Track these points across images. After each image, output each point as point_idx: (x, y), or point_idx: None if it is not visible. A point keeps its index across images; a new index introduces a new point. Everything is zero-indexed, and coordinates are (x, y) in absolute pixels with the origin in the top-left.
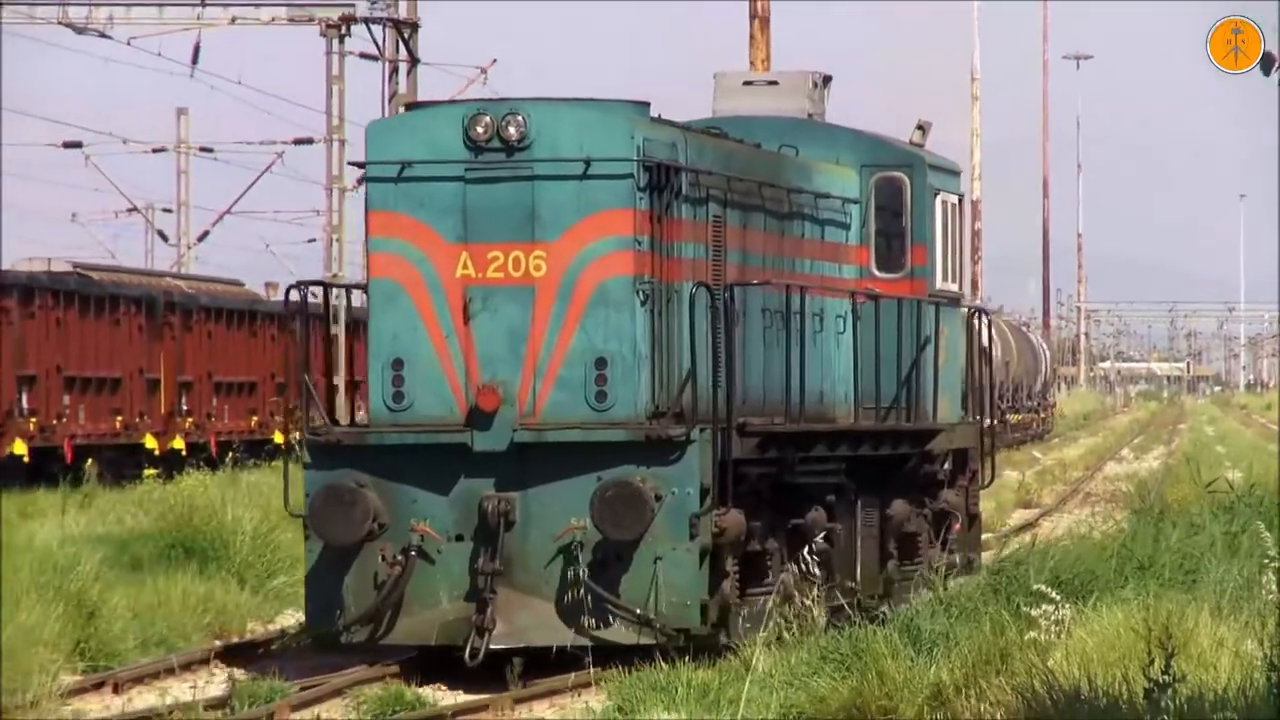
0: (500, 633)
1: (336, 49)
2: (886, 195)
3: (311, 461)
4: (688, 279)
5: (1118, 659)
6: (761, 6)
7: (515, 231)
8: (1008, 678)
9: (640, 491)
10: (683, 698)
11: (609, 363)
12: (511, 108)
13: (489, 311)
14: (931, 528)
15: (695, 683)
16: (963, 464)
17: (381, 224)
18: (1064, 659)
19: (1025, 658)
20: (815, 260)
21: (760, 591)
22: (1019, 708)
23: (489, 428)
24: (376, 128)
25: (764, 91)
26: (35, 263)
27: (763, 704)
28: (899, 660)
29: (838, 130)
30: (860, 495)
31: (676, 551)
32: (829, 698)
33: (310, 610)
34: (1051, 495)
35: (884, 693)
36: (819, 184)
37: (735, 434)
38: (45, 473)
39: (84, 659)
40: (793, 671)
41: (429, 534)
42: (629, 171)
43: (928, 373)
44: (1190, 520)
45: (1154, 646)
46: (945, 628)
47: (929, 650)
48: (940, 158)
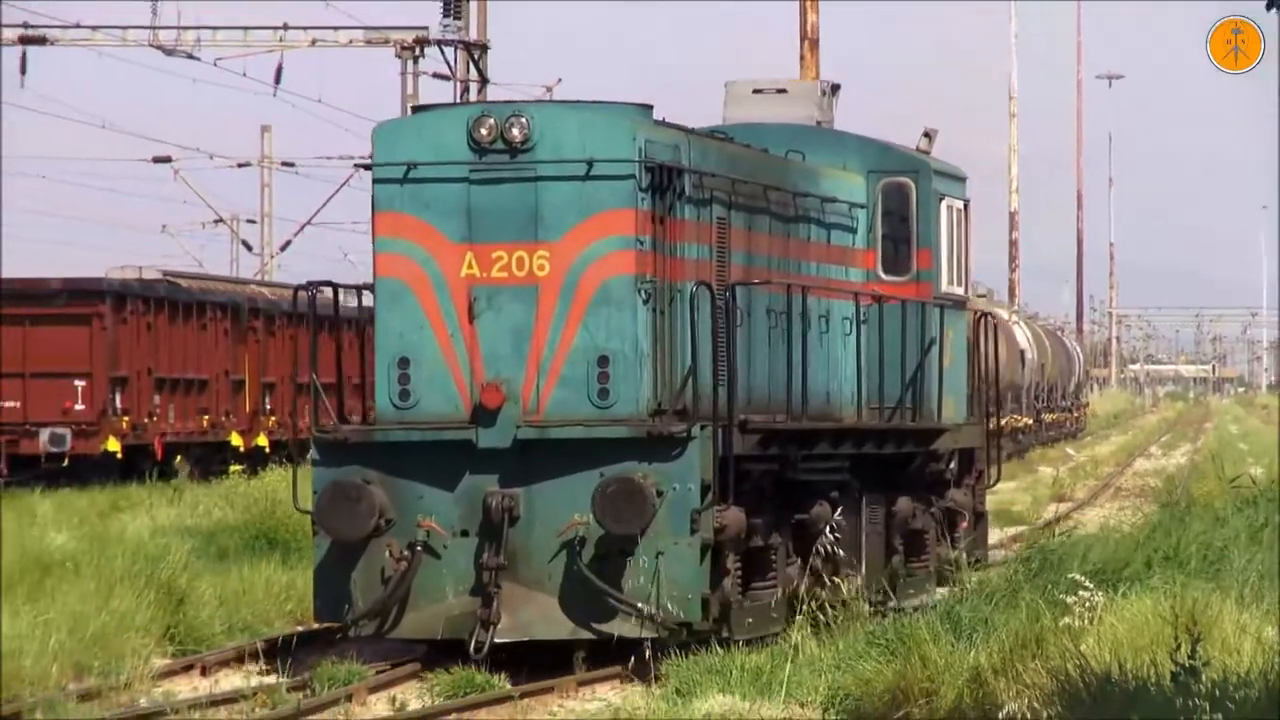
0: (504, 626)
1: (411, 69)
2: (892, 200)
3: (320, 459)
4: (691, 278)
5: (1146, 644)
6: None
7: (519, 231)
8: (1043, 661)
9: (641, 487)
10: (737, 680)
11: (611, 360)
12: (515, 110)
13: (493, 310)
14: (939, 525)
15: (748, 666)
16: (969, 464)
17: (388, 224)
18: (1095, 644)
19: (1059, 643)
20: (821, 263)
21: (764, 587)
22: (1053, 690)
23: (493, 425)
24: (383, 130)
25: (773, 99)
26: (127, 270)
27: (811, 686)
28: (940, 645)
29: (845, 136)
30: (865, 493)
31: (678, 546)
32: (874, 680)
33: (318, 604)
34: (1084, 490)
35: (926, 675)
36: (825, 188)
37: (736, 431)
38: (137, 469)
39: (174, 643)
40: (839, 656)
41: (435, 530)
42: (630, 172)
43: (932, 374)
44: (1215, 514)
45: (1181, 632)
46: (984, 614)
47: (968, 635)
48: (945, 164)
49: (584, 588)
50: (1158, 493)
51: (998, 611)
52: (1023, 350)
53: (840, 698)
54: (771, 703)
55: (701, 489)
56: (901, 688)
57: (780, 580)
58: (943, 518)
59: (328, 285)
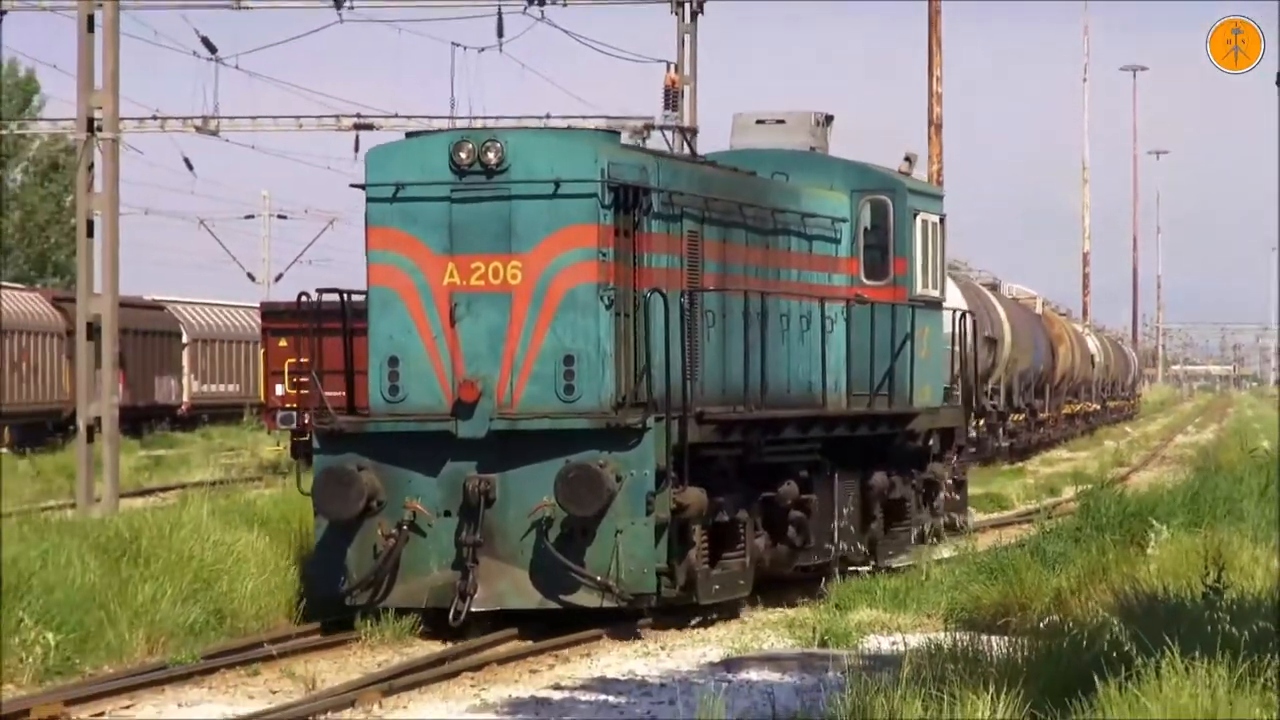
0: (480, 597)
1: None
2: (873, 215)
3: (319, 447)
4: (662, 285)
5: (1184, 572)
6: (936, 114)
7: (494, 244)
8: (1107, 584)
9: (598, 474)
10: (880, 598)
11: (576, 360)
12: (490, 135)
13: (472, 315)
14: (919, 495)
15: (888, 587)
16: (950, 441)
17: (379, 238)
18: (1146, 572)
19: (1119, 570)
20: (803, 270)
21: (733, 557)
22: (1115, 606)
23: (471, 417)
24: (375, 154)
25: (773, 129)
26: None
27: (934, 602)
28: (1031, 572)
29: (833, 160)
30: (839, 470)
31: (635, 526)
32: (982, 597)
33: (315, 576)
34: (1138, 458)
35: (1021, 594)
36: (806, 205)
37: (693, 421)
38: None
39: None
40: (956, 579)
41: (420, 511)
42: (593, 191)
43: (906, 364)
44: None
45: (1209, 563)
46: (1063, 549)
47: (1052, 565)
48: (922, 183)
49: (551, 563)
50: (1193, 460)
51: (1073, 548)
52: (1093, 355)
53: (956, 610)
54: (906, 614)
55: (656, 474)
56: (1002, 604)
57: (748, 550)
58: (924, 488)
59: (333, 291)
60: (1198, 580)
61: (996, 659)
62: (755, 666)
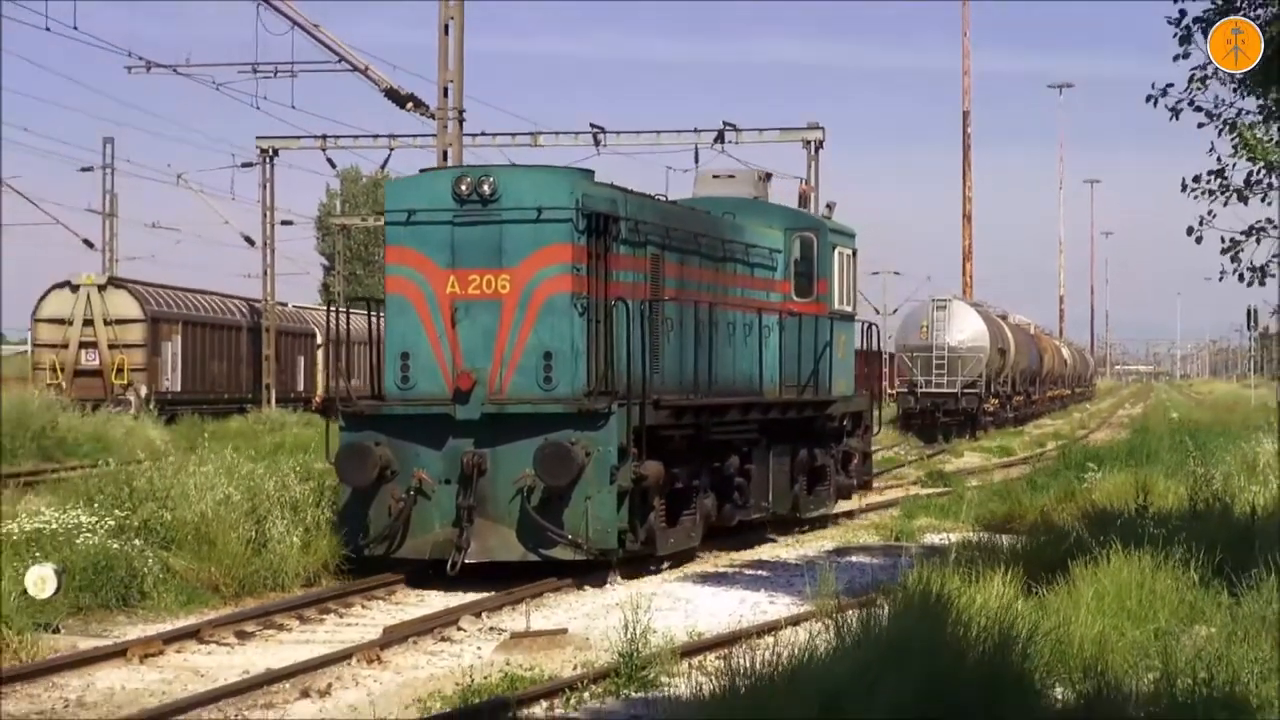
0: (474, 551)
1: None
2: (801, 247)
3: (344, 425)
4: (627, 297)
5: (1122, 495)
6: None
7: (488, 260)
8: (1075, 503)
9: (570, 450)
10: (933, 511)
11: (554, 356)
12: (485, 172)
13: (469, 319)
14: (836, 462)
15: (937, 505)
16: (859, 422)
17: (395, 255)
18: (1098, 496)
19: (1081, 494)
20: (746, 289)
21: (687, 515)
22: (1079, 515)
23: (467, 402)
24: (393, 186)
25: (726, 182)
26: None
27: (966, 515)
28: (1026, 495)
29: (771, 206)
30: (773, 444)
31: (600, 493)
32: (995, 511)
33: (344, 532)
34: (1095, 424)
35: (1020, 509)
36: (750, 238)
37: (650, 406)
38: None
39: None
40: (980, 501)
41: (426, 480)
42: (569, 218)
43: (827, 362)
44: (1157, 435)
45: (1139, 490)
46: (1047, 481)
47: (1040, 490)
48: (840, 224)
49: (532, 523)
50: (1129, 424)
51: (1051, 480)
52: (1066, 359)
53: (981, 519)
54: (949, 521)
55: (619, 451)
56: (1009, 515)
57: (699, 510)
58: (840, 458)
59: (363, 300)
60: (1132, 500)
61: (1005, 549)
62: (855, 554)
